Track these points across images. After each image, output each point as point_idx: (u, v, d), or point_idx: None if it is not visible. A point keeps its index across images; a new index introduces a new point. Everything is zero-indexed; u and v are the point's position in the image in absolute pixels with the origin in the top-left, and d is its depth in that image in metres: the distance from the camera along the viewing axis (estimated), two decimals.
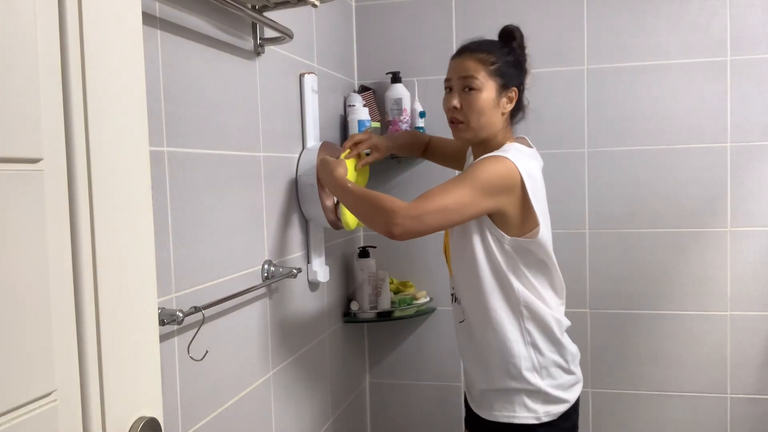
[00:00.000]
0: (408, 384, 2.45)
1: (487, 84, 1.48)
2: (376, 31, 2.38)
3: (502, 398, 1.49)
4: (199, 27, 1.33)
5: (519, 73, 1.53)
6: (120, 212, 0.76)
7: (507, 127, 1.54)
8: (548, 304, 1.49)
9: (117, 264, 0.75)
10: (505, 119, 1.53)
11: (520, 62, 1.54)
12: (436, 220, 1.38)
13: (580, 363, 1.57)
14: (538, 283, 1.48)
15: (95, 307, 0.71)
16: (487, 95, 1.48)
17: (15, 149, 0.62)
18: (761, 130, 2.13)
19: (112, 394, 0.74)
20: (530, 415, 1.46)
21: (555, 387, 1.48)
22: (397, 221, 1.36)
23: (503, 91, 1.50)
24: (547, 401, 1.47)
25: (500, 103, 1.50)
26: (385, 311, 2.24)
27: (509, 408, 1.47)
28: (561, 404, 1.48)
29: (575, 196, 2.26)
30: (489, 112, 1.49)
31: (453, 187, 1.39)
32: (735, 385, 2.20)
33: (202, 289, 1.32)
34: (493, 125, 1.51)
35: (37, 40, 0.65)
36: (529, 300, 1.46)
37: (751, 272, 2.16)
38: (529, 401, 1.46)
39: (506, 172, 1.40)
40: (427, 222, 1.37)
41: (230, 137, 1.45)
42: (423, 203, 1.38)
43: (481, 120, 1.49)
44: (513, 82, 1.51)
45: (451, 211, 1.37)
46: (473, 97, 1.48)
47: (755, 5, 2.11)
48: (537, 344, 1.47)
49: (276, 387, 1.66)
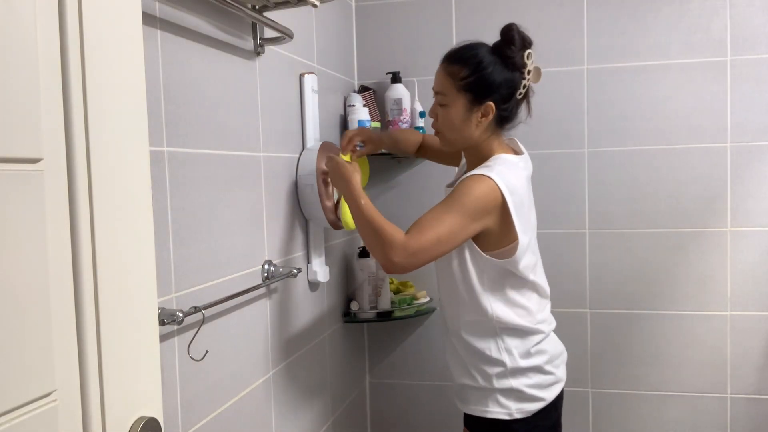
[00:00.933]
0: (408, 384, 2.45)
1: (456, 100, 1.46)
2: (376, 31, 2.38)
3: (477, 394, 1.52)
4: (199, 27, 1.33)
5: (498, 85, 1.45)
6: (120, 212, 0.76)
7: (493, 137, 1.50)
8: (525, 315, 1.50)
9: (117, 264, 0.75)
10: (484, 130, 1.48)
11: (507, 71, 1.45)
12: (430, 255, 1.40)
13: (578, 363, 1.58)
14: (515, 295, 1.49)
15: (95, 307, 0.71)
16: (455, 111, 1.47)
17: (15, 149, 0.62)
18: (761, 130, 2.13)
19: (112, 394, 0.74)
20: (502, 411, 1.49)
21: (530, 386, 1.49)
22: (395, 259, 1.38)
23: (474, 106, 1.45)
24: (520, 399, 1.49)
25: (471, 117, 1.46)
26: (385, 311, 2.24)
27: (483, 402, 1.51)
28: (536, 402, 1.50)
29: (575, 196, 2.26)
30: (459, 127, 1.48)
31: (443, 214, 1.39)
32: (735, 385, 2.20)
33: (202, 289, 1.32)
34: (467, 138, 1.49)
35: (37, 40, 0.64)
36: (503, 314, 1.47)
37: (751, 272, 2.16)
38: (502, 398, 1.49)
39: (488, 192, 1.39)
40: (422, 259, 1.39)
41: (230, 137, 1.45)
42: (418, 237, 1.38)
43: (452, 134, 1.50)
44: (486, 96, 1.45)
45: (444, 242, 1.39)
46: (443, 112, 1.49)
47: (755, 5, 2.11)
48: (511, 351, 1.49)
49: (276, 387, 1.66)
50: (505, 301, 1.48)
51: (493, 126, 1.49)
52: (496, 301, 1.47)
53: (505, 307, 1.48)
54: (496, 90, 1.45)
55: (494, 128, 1.50)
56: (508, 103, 1.47)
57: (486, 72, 1.44)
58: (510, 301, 1.48)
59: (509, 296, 1.48)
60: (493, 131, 1.50)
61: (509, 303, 1.48)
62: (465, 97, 1.45)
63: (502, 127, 1.51)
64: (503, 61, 1.45)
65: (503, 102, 1.46)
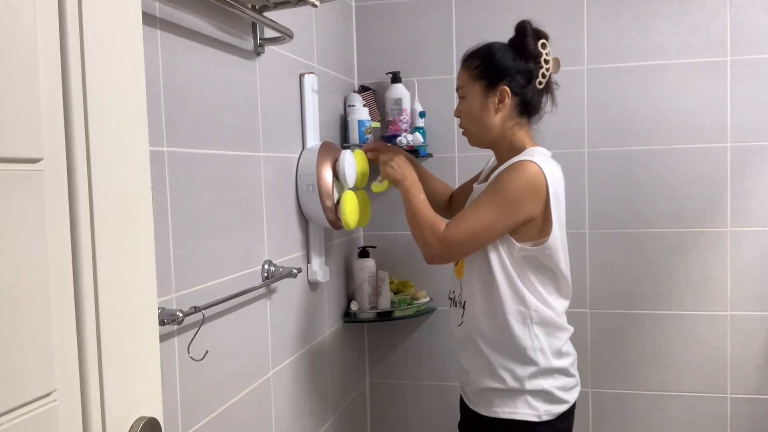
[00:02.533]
0: (408, 384, 2.45)
1: (472, 89, 1.53)
2: (376, 31, 2.38)
3: (504, 396, 1.50)
4: (199, 27, 1.33)
5: (509, 69, 1.50)
6: (120, 212, 0.76)
7: (520, 129, 1.53)
8: (555, 310, 1.50)
9: (117, 264, 0.75)
10: (506, 119, 1.52)
11: (521, 60, 1.50)
12: (467, 247, 1.46)
13: (579, 363, 1.59)
14: (545, 290, 1.49)
15: (95, 307, 0.71)
16: (472, 100, 1.53)
17: (15, 149, 0.62)
18: (761, 130, 2.13)
19: (112, 394, 0.74)
20: (532, 412, 1.47)
21: (558, 388, 1.49)
22: (432, 251, 1.48)
23: (489, 91, 1.50)
24: (549, 401, 1.48)
25: (488, 103, 1.51)
26: (385, 311, 2.24)
27: (510, 405, 1.49)
28: (562, 404, 1.50)
29: (575, 196, 2.25)
30: (479, 115, 1.52)
31: (482, 207, 1.43)
32: (735, 385, 2.20)
33: (202, 289, 1.32)
34: (490, 127, 1.52)
35: (37, 40, 0.64)
36: (538, 307, 1.48)
37: (751, 272, 2.16)
38: (532, 400, 1.48)
39: (533, 176, 1.42)
40: (460, 250, 1.47)
41: (230, 137, 1.45)
42: (454, 230, 1.45)
43: (475, 125, 1.54)
44: (499, 80, 1.50)
45: (481, 234, 1.43)
46: (463, 105, 1.56)
47: (755, 5, 2.11)
48: (544, 350, 1.48)
49: (276, 387, 1.66)
50: (537, 293, 1.48)
51: (516, 116, 1.52)
52: (531, 290, 1.48)
53: (537, 299, 1.48)
54: (507, 74, 1.50)
55: (518, 118, 1.53)
56: (525, 90, 1.51)
57: (496, 58, 1.51)
58: (541, 293, 1.49)
59: (539, 288, 1.49)
60: (518, 122, 1.53)
61: (540, 295, 1.49)
62: (480, 84, 1.51)
63: (526, 117, 1.54)
64: (517, 50, 1.52)
65: (520, 88, 1.51)
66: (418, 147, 2.22)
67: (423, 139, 2.24)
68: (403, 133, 2.22)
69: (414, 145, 2.19)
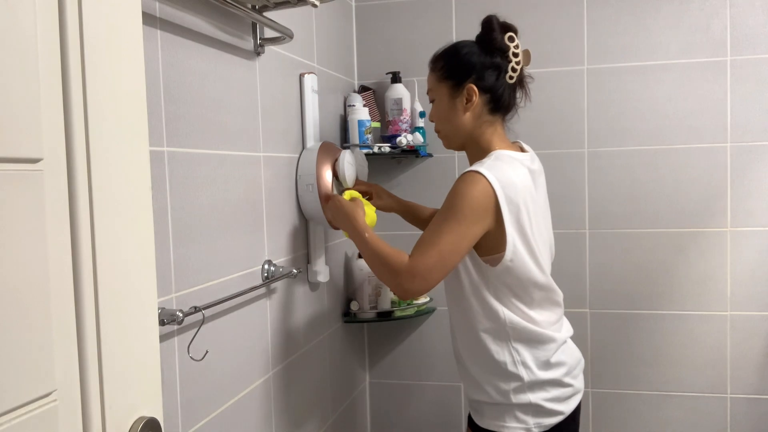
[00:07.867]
0: (408, 384, 2.45)
1: (440, 90, 1.50)
2: (376, 31, 2.38)
3: (492, 409, 1.46)
4: (199, 27, 1.33)
5: (474, 65, 1.44)
6: (120, 212, 0.76)
7: (489, 128, 1.47)
8: (537, 322, 1.43)
9: (117, 264, 0.75)
10: (477, 118, 1.46)
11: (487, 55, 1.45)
12: (439, 272, 1.35)
13: None
14: (522, 303, 1.42)
15: (95, 307, 0.71)
16: (440, 101, 1.51)
17: (15, 149, 0.62)
18: (761, 130, 2.13)
19: (112, 394, 0.74)
20: (520, 426, 1.42)
21: (548, 400, 1.43)
22: (405, 286, 1.36)
23: (455, 91, 1.47)
24: (538, 413, 1.42)
25: (456, 104, 1.47)
26: (385, 311, 2.24)
27: (499, 417, 1.44)
28: (554, 416, 1.43)
29: (575, 196, 2.26)
30: (448, 116, 1.49)
31: (441, 227, 1.35)
32: (735, 385, 2.20)
33: (202, 289, 1.32)
34: (460, 128, 1.48)
35: (37, 40, 0.64)
36: (515, 321, 1.41)
37: (751, 272, 2.16)
38: (520, 413, 1.42)
39: (480, 191, 1.34)
40: (432, 277, 1.35)
41: (230, 137, 1.45)
42: (421, 258, 1.34)
43: (446, 127, 1.52)
44: (464, 78, 1.45)
45: (448, 255, 1.34)
46: (433, 108, 1.54)
47: (755, 5, 2.11)
48: (527, 363, 1.42)
49: (276, 387, 1.66)
50: (513, 306, 1.41)
51: (487, 114, 1.46)
52: (506, 305, 1.41)
53: (514, 313, 1.41)
54: (473, 71, 1.45)
55: (489, 116, 1.47)
56: (495, 86, 1.45)
57: (460, 55, 1.47)
58: (518, 307, 1.42)
59: (516, 301, 1.41)
60: (489, 120, 1.47)
61: (517, 308, 1.41)
62: (446, 85, 1.49)
63: (498, 114, 1.48)
64: (484, 46, 1.47)
65: (489, 85, 1.45)
66: (418, 147, 2.22)
67: (423, 139, 2.24)
68: (403, 133, 2.22)
69: (414, 145, 2.19)
